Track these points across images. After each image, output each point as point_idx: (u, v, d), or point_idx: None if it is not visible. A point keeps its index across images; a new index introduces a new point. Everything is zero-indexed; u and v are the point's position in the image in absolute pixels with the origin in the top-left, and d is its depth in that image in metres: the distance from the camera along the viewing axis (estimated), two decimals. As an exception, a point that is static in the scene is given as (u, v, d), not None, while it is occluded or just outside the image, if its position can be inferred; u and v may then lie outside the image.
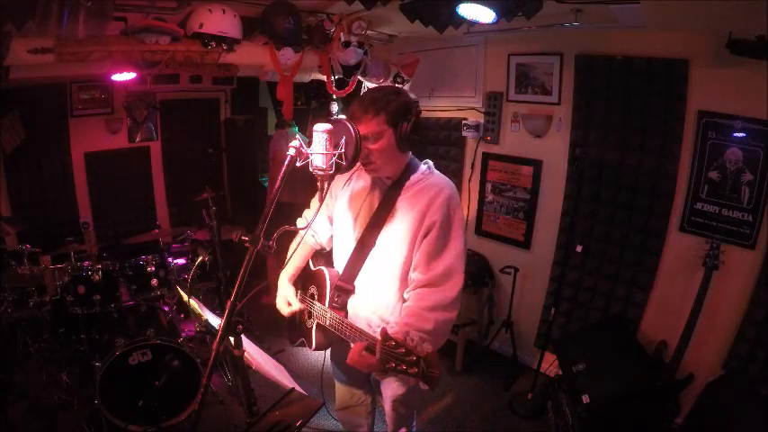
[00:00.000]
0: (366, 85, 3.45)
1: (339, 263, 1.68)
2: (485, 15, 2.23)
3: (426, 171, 1.57)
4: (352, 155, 1.29)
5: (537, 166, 3.08)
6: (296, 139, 1.24)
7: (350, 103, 1.60)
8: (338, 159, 1.27)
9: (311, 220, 1.35)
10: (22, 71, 2.54)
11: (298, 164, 1.25)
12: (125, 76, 2.87)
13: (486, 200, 3.40)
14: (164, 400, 2.39)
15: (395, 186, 1.56)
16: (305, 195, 3.46)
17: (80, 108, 3.69)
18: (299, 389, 1.45)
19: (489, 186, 3.36)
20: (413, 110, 1.49)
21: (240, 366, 1.42)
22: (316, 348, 1.72)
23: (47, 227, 3.57)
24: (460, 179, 3.47)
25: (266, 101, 5.39)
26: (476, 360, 3.33)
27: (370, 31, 3.04)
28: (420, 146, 1.57)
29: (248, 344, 1.51)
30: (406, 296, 1.52)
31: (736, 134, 2.33)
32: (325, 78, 3.17)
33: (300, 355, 3.41)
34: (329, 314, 1.60)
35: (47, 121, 3.55)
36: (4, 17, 1.90)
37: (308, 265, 1.83)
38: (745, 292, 2.37)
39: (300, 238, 1.46)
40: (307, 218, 1.80)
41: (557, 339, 2.88)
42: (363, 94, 1.54)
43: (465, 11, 2.26)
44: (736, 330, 2.40)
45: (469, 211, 3.47)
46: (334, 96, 3.55)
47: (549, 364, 2.94)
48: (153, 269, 2.78)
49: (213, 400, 2.73)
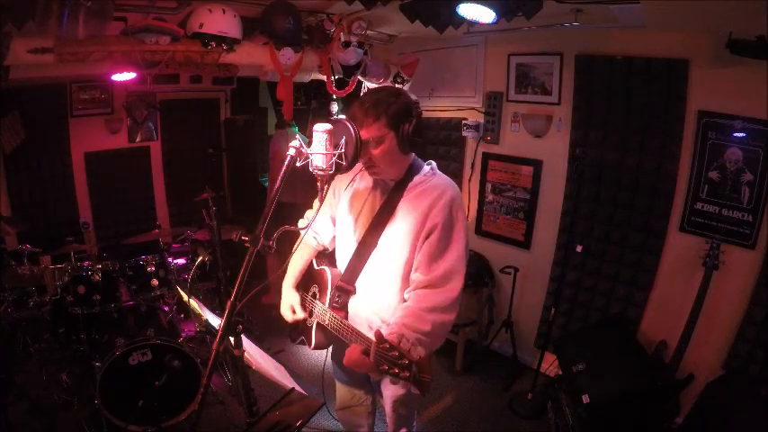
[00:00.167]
0: (366, 85, 3.45)
1: (341, 263, 1.68)
2: (485, 15, 2.23)
3: (429, 172, 1.57)
4: (352, 155, 1.29)
5: (537, 166, 3.08)
6: (296, 139, 1.24)
7: (350, 104, 1.60)
8: (338, 159, 1.27)
9: (311, 221, 1.35)
10: (22, 71, 2.54)
11: (298, 164, 1.25)
12: (125, 76, 2.87)
13: (486, 200, 3.40)
14: (164, 400, 2.39)
15: (398, 187, 1.55)
16: (305, 195, 3.48)
17: (80, 108, 3.69)
18: (299, 389, 1.45)
19: (489, 186, 3.36)
20: (414, 111, 1.48)
21: (240, 366, 1.42)
22: (315, 347, 1.72)
23: (47, 227, 3.57)
24: (460, 179, 3.47)
25: (266, 101, 5.40)
26: (476, 360, 3.33)
27: (370, 31, 3.04)
28: (421, 146, 1.56)
29: (248, 344, 1.51)
30: (405, 296, 1.51)
31: (736, 134, 2.33)
32: (325, 78, 3.17)
33: (300, 355, 3.41)
34: (328, 314, 1.60)
35: (47, 121, 3.55)
36: (4, 17, 1.90)
37: (311, 263, 1.83)
38: (745, 292, 2.37)
39: (300, 240, 1.46)
40: (308, 218, 1.80)
41: (557, 339, 2.88)
42: (363, 97, 1.52)
43: (465, 11, 2.25)
44: (736, 330, 2.40)
45: (469, 211, 3.47)
46: (334, 96, 3.55)
47: (549, 364, 2.94)
48: (153, 269, 2.78)
49: (213, 400, 2.73)
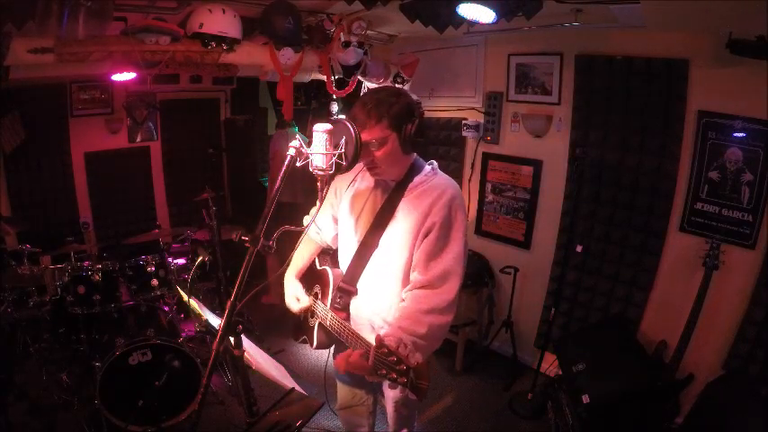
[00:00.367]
0: (366, 85, 3.45)
1: (343, 264, 1.68)
2: (485, 15, 2.23)
3: (430, 172, 1.56)
4: (352, 155, 1.29)
5: (537, 166, 3.08)
6: (296, 139, 1.24)
7: (350, 104, 1.59)
8: (338, 159, 1.27)
9: (311, 220, 1.35)
10: (22, 71, 2.54)
11: (298, 164, 1.25)
12: (125, 76, 2.86)
13: (486, 200, 3.40)
14: (164, 400, 2.39)
15: (399, 187, 1.55)
16: (305, 195, 3.49)
17: (80, 108, 3.69)
18: (299, 389, 1.45)
19: (489, 186, 3.36)
20: (416, 111, 1.48)
21: (240, 366, 1.41)
22: (317, 347, 1.72)
23: (47, 227, 3.57)
24: (460, 179, 3.47)
25: (266, 101, 5.40)
26: (476, 360, 3.33)
27: (370, 31, 3.04)
28: (422, 146, 1.55)
29: (248, 344, 1.50)
30: (403, 296, 1.50)
31: (736, 134, 2.33)
32: (325, 78, 3.17)
33: (300, 355, 3.41)
34: (330, 315, 1.60)
35: (47, 121, 3.55)
36: (4, 17, 1.90)
37: (313, 263, 1.83)
38: (745, 292, 2.37)
39: (301, 237, 1.45)
40: (311, 216, 1.80)
41: (557, 339, 2.88)
42: (364, 98, 1.49)
43: (465, 11, 2.25)
44: (736, 330, 2.40)
45: (469, 211, 3.47)
46: (334, 96, 3.55)
47: (549, 364, 2.94)
48: (153, 269, 2.78)
49: (213, 400, 2.73)
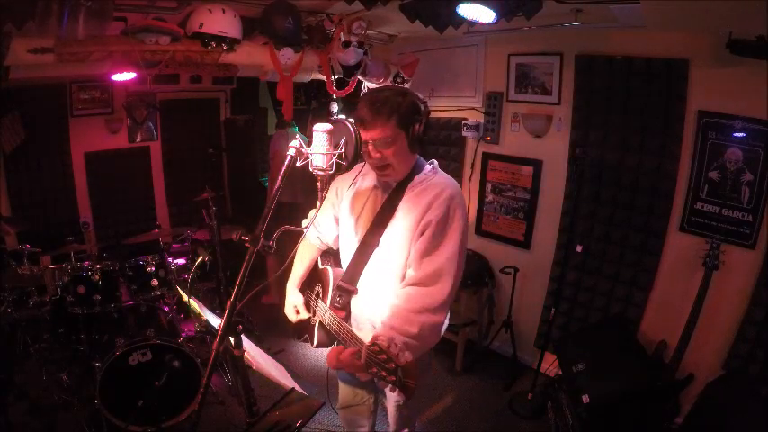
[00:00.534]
0: (366, 85, 3.45)
1: (344, 263, 1.68)
2: (485, 15, 2.23)
3: (430, 171, 1.56)
4: (352, 155, 1.29)
5: (537, 166, 3.08)
6: (296, 139, 1.24)
7: (350, 104, 1.59)
8: (338, 159, 1.27)
9: (311, 220, 1.35)
10: (22, 71, 2.54)
11: (298, 164, 1.25)
12: (125, 76, 2.87)
13: (486, 200, 3.40)
14: (164, 400, 2.39)
15: (399, 187, 1.55)
16: (305, 195, 3.49)
17: (80, 108, 3.70)
18: (299, 389, 1.45)
19: (489, 186, 3.36)
20: (422, 110, 1.48)
21: (240, 366, 1.42)
22: (317, 345, 1.73)
23: (47, 227, 3.57)
24: (460, 179, 3.47)
25: (266, 101, 5.40)
26: (476, 360, 3.33)
27: (370, 31, 3.04)
28: (424, 146, 1.55)
29: (248, 344, 1.51)
30: (397, 293, 1.49)
31: (736, 134, 2.33)
32: (325, 78, 3.17)
33: (300, 355, 3.41)
34: (328, 314, 1.60)
35: (47, 121, 3.56)
36: (4, 17, 1.90)
37: (315, 263, 1.83)
38: (745, 292, 2.37)
39: (301, 239, 1.45)
40: (311, 218, 1.80)
41: (557, 339, 2.88)
42: (369, 97, 1.47)
43: (465, 11, 2.25)
44: (736, 330, 2.40)
45: (469, 211, 3.47)
46: (334, 96, 3.55)
47: (549, 364, 2.94)
48: (153, 269, 2.78)
49: (213, 400, 2.73)
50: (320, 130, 1.25)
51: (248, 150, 4.82)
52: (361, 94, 2.92)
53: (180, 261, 3.05)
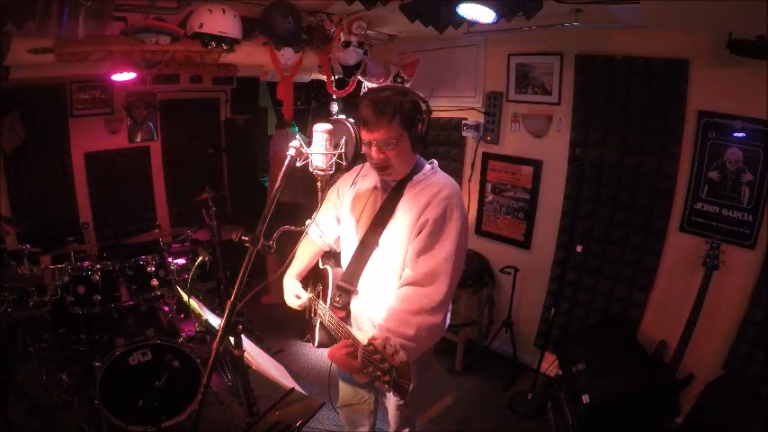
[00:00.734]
0: (366, 85, 3.45)
1: (344, 263, 1.68)
2: (485, 15, 2.23)
3: (430, 171, 1.56)
4: (352, 155, 1.29)
5: (537, 166, 3.08)
6: (296, 139, 1.24)
7: (350, 104, 1.59)
8: (338, 159, 1.27)
9: (312, 219, 1.35)
10: (22, 71, 2.54)
11: (298, 164, 1.25)
12: (125, 76, 2.86)
13: (486, 200, 3.40)
14: (164, 400, 2.39)
15: (399, 186, 1.55)
16: (305, 195, 3.49)
17: (80, 108, 3.69)
18: (299, 389, 1.46)
19: (489, 186, 3.36)
20: (424, 109, 1.47)
21: (240, 366, 1.42)
22: (318, 345, 1.73)
23: (47, 227, 3.57)
24: (460, 179, 3.47)
25: (266, 101, 5.40)
26: (476, 360, 3.33)
27: (370, 31, 3.04)
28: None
29: (248, 344, 1.51)
30: (395, 294, 1.48)
31: (736, 134, 2.33)
32: (325, 78, 3.17)
33: (300, 355, 3.41)
34: (328, 314, 1.61)
35: (47, 121, 3.55)
36: (4, 17, 1.90)
37: (316, 263, 1.83)
38: (745, 292, 2.37)
39: (302, 238, 1.46)
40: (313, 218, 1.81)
41: (557, 339, 2.88)
42: (371, 98, 1.44)
43: (465, 11, 2.25)
44: (736, 330, 2.40)
45: (469, 211, 3.47)
46: (334, 96, 3.55)
47: (549, 364, 2.94)
48: (153, 269, 2.78)
49: (213, 400, 2.72)
50: (320, 130, 1.25)
51: (248, 150, 4.82)
52: (363, 94, 2.92)
53: (180, 261, 3.05)
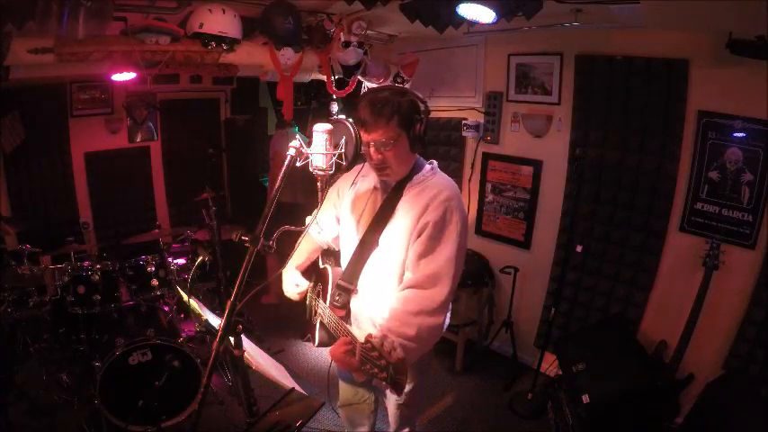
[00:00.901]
0: (366, 85, 3.45)
1: (344, 262, 1.68)
2: (485, 15, 2.23)
3: (429, 171, 1.56)
4: (352, 155, 1.29)
5: (537, 166, 3.08)
6: (296, 139, 1.24)
7: (350, 104, 1.59)
8: (338, 159, 1.27)
9: (312, 218, 1.35)
10: (22, 71, 2.54)
11: (298, 164, 1.25)
12: (125, 76, 2.86)
13: (486, 200, 3.40)
14: (164, 400, 2.39)
15: (398, 187, 1.55)
16: (305, 195, 3.49)
17: (80, 108, 3.69)
18: (299, 389, 1.46)
19: (489, 186, 3.36)
20: (422, 109, 1.47)
21: (240, 366, 1.42)
22: (318, 344, 1.73)
23: (47, 227, 3.57)
24: (460, 179, 3.47)
25: (266, 101, 5.40)
26: (476, 360, 3.33)
27: (370, 31, 3.04)
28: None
29: (248, 344, 1.51)
30: (396, 296, 1.49)
31: (736, 134, 2.33)
32: (325, 78, 3.17)
33: (300, 355, 3.41)
34: (327, 313, 1.61)
35: (47, 121, 3.55)
36: (4, 17, 1.90)
37: (317, 263, 1.83)
38: (745, 292, 2.37)
39: (302, 237, 1.46)
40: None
41: (557, 339, 2.88)
42: (369, 98, 1.45)
43: (465, 11, 2.25)
44: (736, 330, 2.40)
45: (469, 211, 3.47)
46: (334, 96, 3.55)
47: (549, 364, 2.94)
48: (153, 269, 2.78)
49: (213, 400, 2.72)
50: (320, 130, 1.25)
51: (248, 150, 4.82)
52: (362, 94, 2.92)
53: (180, 261, 3.05)
